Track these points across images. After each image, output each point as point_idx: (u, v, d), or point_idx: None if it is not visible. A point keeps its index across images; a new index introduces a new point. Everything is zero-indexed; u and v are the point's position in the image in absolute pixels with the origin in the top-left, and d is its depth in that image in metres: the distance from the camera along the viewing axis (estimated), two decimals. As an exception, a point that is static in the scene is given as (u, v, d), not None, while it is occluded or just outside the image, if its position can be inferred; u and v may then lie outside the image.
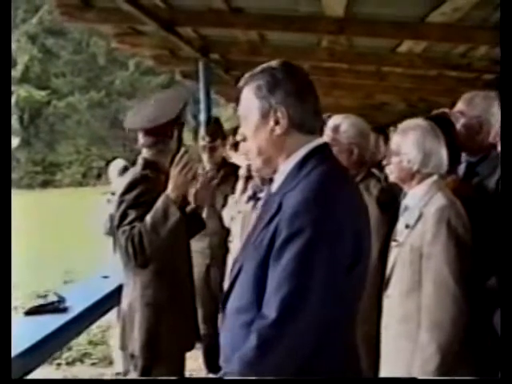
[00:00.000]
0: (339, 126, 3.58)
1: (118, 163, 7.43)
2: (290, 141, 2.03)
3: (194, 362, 4.56)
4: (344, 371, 2.02)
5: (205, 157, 5.27)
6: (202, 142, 5.29)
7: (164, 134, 3.26)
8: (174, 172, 3.11)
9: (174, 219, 3.07)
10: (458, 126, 3.46)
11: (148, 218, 3.11)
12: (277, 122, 2.02)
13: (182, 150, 3.24)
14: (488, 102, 3.48)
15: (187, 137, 8.88)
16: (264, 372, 1.87)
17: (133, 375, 3.44)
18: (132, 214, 3.18)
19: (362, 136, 3.63)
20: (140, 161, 3.38)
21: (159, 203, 3.11)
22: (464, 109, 3.51)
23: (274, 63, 2.09)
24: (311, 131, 2.05)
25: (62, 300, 3.81)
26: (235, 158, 5.66)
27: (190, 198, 3.48)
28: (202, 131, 5.63)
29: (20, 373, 3.16)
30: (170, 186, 3.11)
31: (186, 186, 3.11)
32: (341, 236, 1.89)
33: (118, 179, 6.62)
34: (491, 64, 7.19)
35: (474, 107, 3.48)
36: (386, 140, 7.10)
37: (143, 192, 3.21)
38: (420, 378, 2.74)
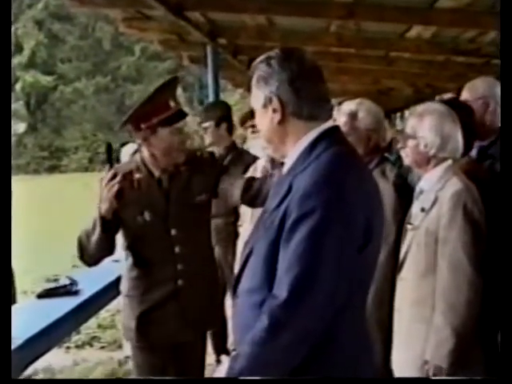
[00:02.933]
0: (356, 112, 3.56)
1: (130, 147, 7.43)
2: (291, 128, 2.07)
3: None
4: (356, 354, 2.04)
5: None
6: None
7: (136, 135, 3.18)
8: (101, 187, 3.05)
9: (97, 232, 3.06)
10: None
11: (87, 225, 3.13)
12: (274, 111, 2.06)
13: (108, 165, 3.21)
14: (489, 83, 3.59)
15: (193, 122, 8.86)
16: (276, 353, 1.89)
17: None
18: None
19: (378, 122, 3.62)
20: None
21: (95, 213, 3.09)
22: (468, 95, 3.59)
23: (273, 52, 2.11)
24: (312, 118, 2.06)
25: (74, 283, 3.84)
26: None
27: None
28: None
29: (33, 356, 3.20)
30: (101, 200, 3.06)
31: (109, 201, 3.00)
32: (351, 217, 1.90)
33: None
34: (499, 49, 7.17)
35: (477, 90, 3.57)
36: (390, 124, 7.13)
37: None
38: (433, 361, 2.75)
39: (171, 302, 3.28)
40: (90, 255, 3.18)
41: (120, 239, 3.33)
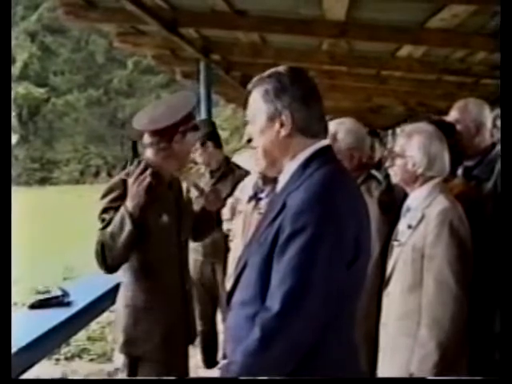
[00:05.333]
0: (336, 133, 3.64)
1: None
2: (294, 143, 2.12)
3: (192, 359, 4.61)
4: (345, 366, 2.10)
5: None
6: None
7: (163, 137, 3.28)
8: (129, 183, 3.14)
9: (127, 230, 3.07)
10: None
11: (109, 227, 3.14)
12: (282, 125, 2.11)
13: (136, 160, 3.29)
14: (480, 107, 3.68)
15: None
16: (267, 364, 1.94)
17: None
18: (105, 220, 3.20)
19: (359, 140, 3.71)
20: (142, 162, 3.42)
21: (118, 213, 3.13)
22: (459, 116, 3.67)
23: (281, 68, 2.18)
24: (315, 135, 2.14)
25: (65, 294, 3.86)
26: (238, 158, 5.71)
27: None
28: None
29: (24, 366, 3.20)
30: (128, 197, 3.13)
31: (139, 197, 3.09)
32: (342, 233, 1.97)
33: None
34: (489, 69, 7.28)
35: (470, 113, 3.65)
36: (381, 142, 7.23)
37: (118, 197, 3.22)
38: (418, 374, 2.81)
39: (183, 310, 3.38)
40: (116, 257, 3.17)
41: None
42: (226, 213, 4.43)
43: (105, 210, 3.24)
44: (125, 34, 7.85)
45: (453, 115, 3.72)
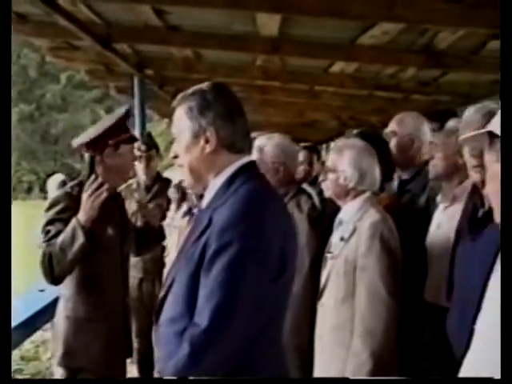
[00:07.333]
0: (264, 146, 3.70)
1: (57, 178, 7.50)
2: (219, 159, 2.15)
3: (128, 375, 4.59)
4: (274, 376, 2.12)
5: (141, 167, 5.28)
6: (137, 153, 5.28)
7: (95, 151, 3.30)
8: (84, 197, 3.16)
9: (79, 243, 3.09)
10: (392, 144, 3.67)
11: (58, 239, 3.14)
12: (207, 142, 2.13)
13: (93, 176, 3.30)
14: (418, 122, 3.74)
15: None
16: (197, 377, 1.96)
17: None
18: (51, 231, 3.21)
19: (286, 155, 3.74)
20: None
21: (69, 226, 3.14)
22: (396, 128, 3.74)
23: (204, 85, 2.20)
24: (240, 151, 2.17)
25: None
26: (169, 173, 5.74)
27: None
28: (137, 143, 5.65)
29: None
30: (81, 211, 3.15)
31: (93, 211, 3.12)
32: (267, 248, 2.00)
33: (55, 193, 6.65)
34: (418, 85, 7.46)
35: (406, 126, 3.72)
36: (319, 158, 7.32)
37: (63, 209, 3.24)
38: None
39: (122, 323, 3.41)
40: (65, 268, 3.17)
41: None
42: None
43: (50, 222, 3.24)
44: (57, 49, 7.75)
45: (391, 126, 3.79)
